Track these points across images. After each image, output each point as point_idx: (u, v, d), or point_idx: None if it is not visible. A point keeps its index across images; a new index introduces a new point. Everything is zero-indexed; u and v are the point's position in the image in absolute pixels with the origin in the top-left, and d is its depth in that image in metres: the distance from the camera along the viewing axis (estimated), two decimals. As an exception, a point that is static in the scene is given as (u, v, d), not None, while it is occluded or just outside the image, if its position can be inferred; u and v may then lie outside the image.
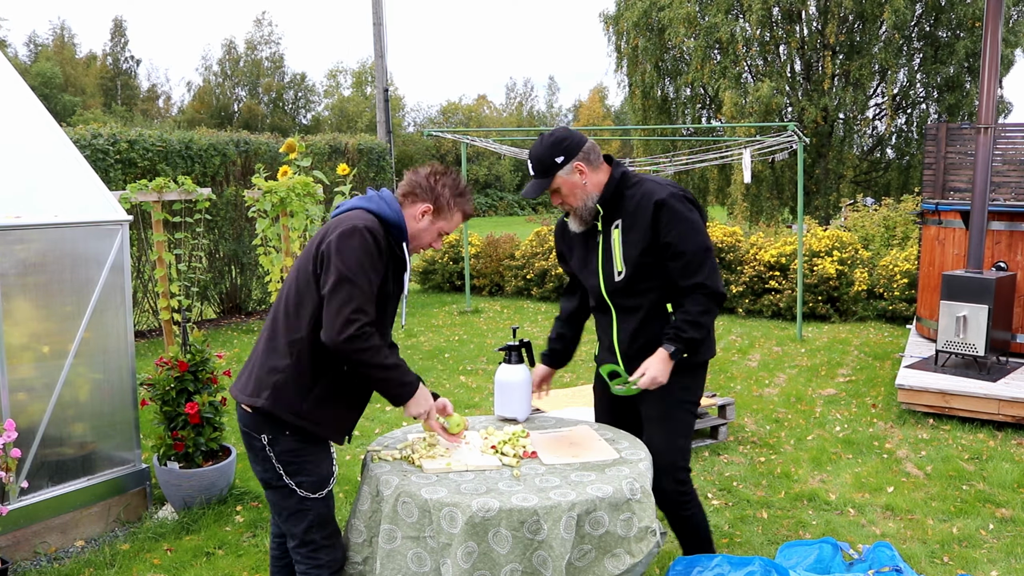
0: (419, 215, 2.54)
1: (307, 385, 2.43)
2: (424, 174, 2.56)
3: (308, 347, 2.41)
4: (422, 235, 2.57)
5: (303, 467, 2.45)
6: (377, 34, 13.95)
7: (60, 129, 4.17)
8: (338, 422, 2.54)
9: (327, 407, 2.47)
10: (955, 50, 18.64)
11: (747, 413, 5.94)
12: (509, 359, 3.08)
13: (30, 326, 3.61)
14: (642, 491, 2.46)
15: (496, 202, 44.65)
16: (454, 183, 2.57)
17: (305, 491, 2.45)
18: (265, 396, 2.40)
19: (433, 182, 2.54)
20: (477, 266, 12.32)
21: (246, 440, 2.50)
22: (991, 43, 5.71)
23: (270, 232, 4.65)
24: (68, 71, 48.08)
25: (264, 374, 2.44)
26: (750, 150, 9.03)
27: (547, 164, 2.80)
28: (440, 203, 2.55)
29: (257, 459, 2.48)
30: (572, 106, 65.49)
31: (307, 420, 2.43)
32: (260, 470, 2.48)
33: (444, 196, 2.55)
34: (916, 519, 4.05)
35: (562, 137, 2.82)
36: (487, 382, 6.83)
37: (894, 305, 9.53)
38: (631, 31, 20.69)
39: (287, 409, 2.41)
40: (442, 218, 2.57)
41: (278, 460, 2.43)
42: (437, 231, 2.59)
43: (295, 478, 2.44)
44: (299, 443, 2.45)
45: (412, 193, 2.55)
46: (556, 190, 2.85)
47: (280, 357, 2.42)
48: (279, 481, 2.45)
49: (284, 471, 2.44)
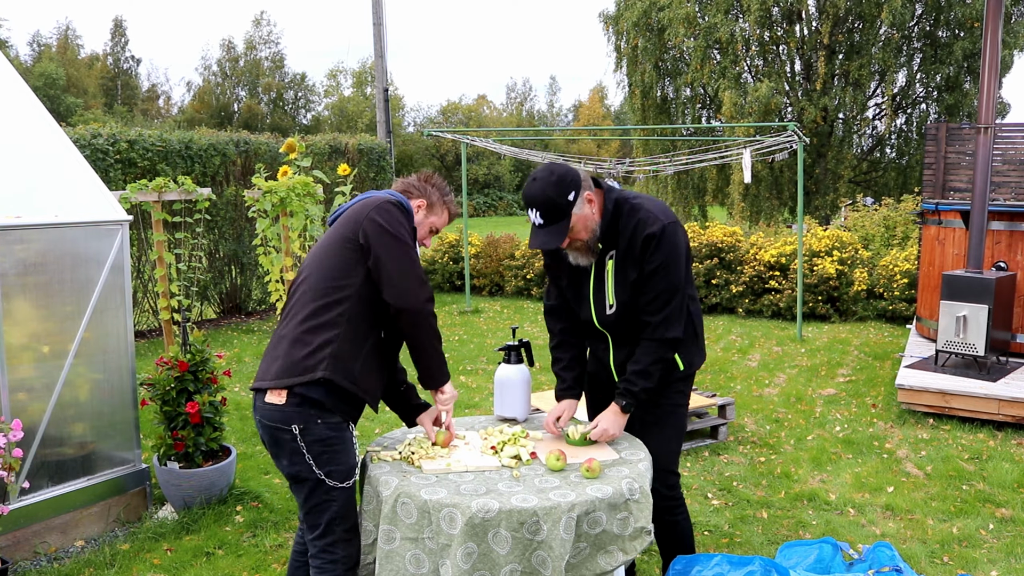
0: (416, 209, 2.75)
1: (356, 352, 2.51)
2: (415, 177, 2.82)
3: (356, 317, 2.51)
4: (419, 228, 2.75)
5: (334, 457, 2.47)
6: (377, 34, 13.95)
7: (60, 129, 4.17)
8: (375, 389, 2.63)
9: (371, 374, 2.57)
10: (954, 50, 18.63)
11: (747, 413, 5.94)
12: (509, 359, 3.08)
13: (30, 326, 3.61)
14: (640, 491, 2.46)
15: (496, 202, 44.65)
16: (441, 185, 2.83)
17: (334, 481, 2.47)
18: (324, 367, 2.44)
19: (424, 181, 2.80)
20: (477, 266, 12.32)
21: (272, 435, 2.49)
22: (991, 43, 5.72)
23: (270, 232, 4.65)
24: (70, 72, 48.09)
25: (312, 351, 2.46)
26: (750, 150, 9.03)
27: (562, 205, 2.60)
28: (432, 200, 2.78)
29: (284, 452, 2.47)
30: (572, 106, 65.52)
31: (359, 388, 2.51)
32: (287, 464, 2.48)
33: (434, 194, 2.79)
34: (916, 519, 4.05)
35: (563, 173, 2.63)
36: (487, 382, 6.83)
37: (894, 305, 9.53)
38: (631, 31, 20.68)
39: (345, 376, 2.47)
40: (433, 214, 2.78)
41: (309, 451, 2.45)
42: (429, 226, 2.78)
43: (325, 468, 2.46)
44: (330, 431, 2.47)
45: (408, 191, 2.78)
46: (570, 229, 2.65)
47: (328, 329, 2.48)
48: (309, 473, 2.45)
49: (315, 462, 2.45)
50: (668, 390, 2.91)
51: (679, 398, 2.95)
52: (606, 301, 2.81)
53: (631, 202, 2.75)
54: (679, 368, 2.90)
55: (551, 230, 2.63)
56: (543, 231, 2.64)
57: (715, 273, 10.39)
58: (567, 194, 2.60)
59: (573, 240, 2.70)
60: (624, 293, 2.77)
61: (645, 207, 2.73)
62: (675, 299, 2.73)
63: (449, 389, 2.76)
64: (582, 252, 2.76)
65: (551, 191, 2.59)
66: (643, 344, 2.78)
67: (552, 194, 2.59)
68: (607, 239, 2.76)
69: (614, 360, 2.94)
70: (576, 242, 2.71)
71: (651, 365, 2.76)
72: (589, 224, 2.69)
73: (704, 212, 21.48)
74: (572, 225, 2.64)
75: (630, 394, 2.79)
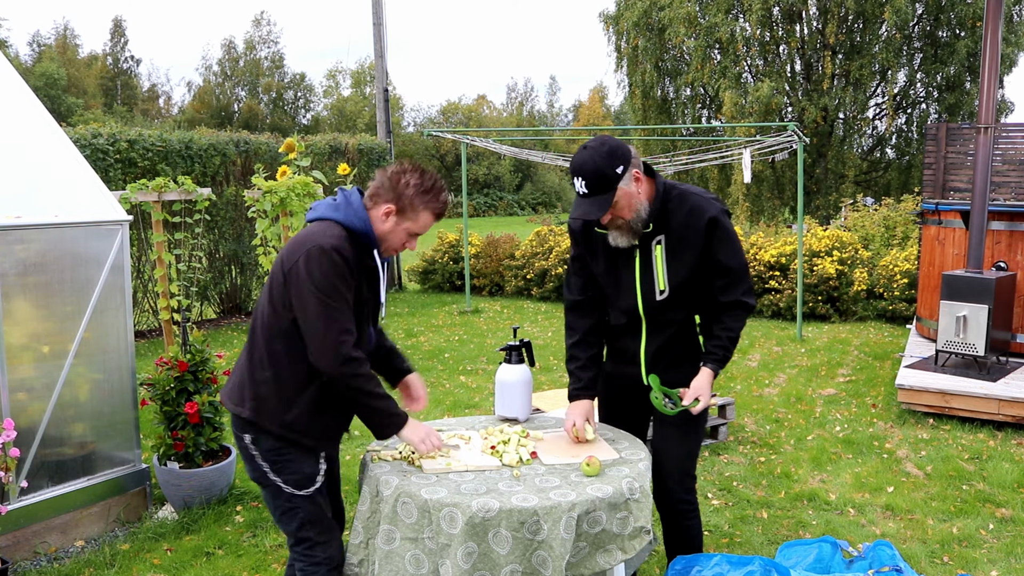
0: (383, 216, 2.44)
1: (290, 398, 2.43)
2: (389, 173, 2.46)
3: (286, 361, 2.41)
4: (390, 237, 2.47)
5: (286, 465, 2.47)
6: (377, 34, 13.95)
7: (60, 129, 4.17)
8: (325, 431, 2.54)
9: (313, 418, 2.46)
10: (955, 50, 18.64)
11: (747, 413, 5.94)
12: (509, 359, 3.08)
13: (30, 326, 3.61)
14: (641, 491, 2.46)
15: (496, 202, 44.65)
16: (419, 181, 2.43)
17: (291, 488, 2.47)
18: (249, 407, 2.44)
19: (396, 181, 2.43)
20: (477, 266, 12.32)
21: (236, 441, 2.54)
22: (991, 43, 5.71)
23: (270, 232, 4.65)
24: (70, 72, 48.09)
25: (248, 383, 2.46)
26: (750, 150, 9.03)
27: (609, 176, 2.52)
28: (403, 203, 2.43)
29: (244, 457, 2.51)
30: (572, 106, 65.52)
31: (293, 431, 2.44)
32: (249, 468, 2.52)
33: (407, 195, 2.42)
34: (916, 519, 4.05)
35: (615, 145, 2.57)
36: (487, 382, 6.83)
37: (894, 305, 9.53)
38: (631, 31, 20.69)
39: (269, 420, 2.43)
40: (407, 218, 2.45)
41: (263, 459, 2.46)
42: (405, 232, 2.47)
43: (280, 476, 2.47)
44: (280, 442, 2.46)
45: (376, 194, 2.45)
46: (614, 204, 2.58)
47: (262, 369, 2.44)
48: (266, 479, 2.48)
49: (269, 469, 2.46)
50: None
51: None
52: (656, 286, 2.75)
53: (679, 188, 2.75)
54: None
55: (595, 200, 2.56)
56: (586, 201, 2.57)
57: (715, 273, 10.37)
58: (616, 166, 2.54)
59: (616, 217, 2.63)
60: (678, 277, 2.73)
61: (695, 194, 2.75)
62: (748, 275, 2.79)
63: (410, 433, 2.51)
64: (623, 232, 2.68)
65: (600, 160, 2.53)
66: (732, 312, 2.79)
67: (601, 164, 2.52)
68: (656, 223, 2.71)
69: (646, 350, 2.87)
70: (618, 219, 2.64)
71: (739, 331, 2.80)
72: (634, 203, 2.62)
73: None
74: (617, 200, 2.57)
75: (724, 358, 2.80)
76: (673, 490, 2.83)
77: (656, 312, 2.81)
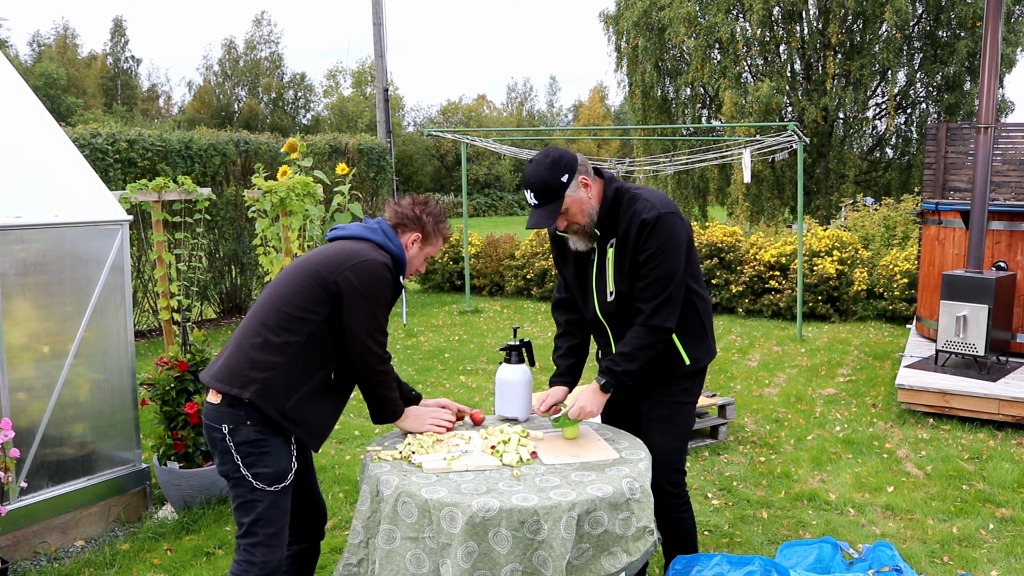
0: (410, 243, 2.74)
1: (294, 386, 2.51)
2: (408, 205, 2.74)
3: (304, 352, 2.52)
4: (413, 261, 2.77)
5: (262, 459, 2.48)
6: (377, 34, 13.95)
7: (60, 129, 4.17)
8: (316, 427, 2.60)
9: (308, 410, 2.55)
10: (955, 50, 18.63)
11: (747, 413, 5.94)
12: (510, 359, 3.08)
13: (30, 326, 3.61)
14: (641, 491, 2.46)
15: (496, 202, 44.64)
16: (435, 211, 2.77)
17: (260, 483, 2.48)
18: (252, 390, 2.45)
19: (419, 212, 2.73)
20: (477, 266, 12.32)
21: (208, 434, 2.53)
22: (991, 43, 5.71)
23: (270, 232, 4.65)
24: (70, 71, 48.10)
25: (250, 368, 2.48)
26: (750, 150, 9.04)
27: (554, 186, 2.67)
28: (427, 231, 2.75)
29: (217, 451, 2.52)
30: (572, 106, 65.50)
31: (289, 420, 2.50)
32: (219, 463, 2.52)
33: (429, 224, 2.74)
34: (916, 519, 4.05)
35: (558, 156, 2.71)
36: (487, 382, 6.83)
37: (894, 305, 9.53)
38: (631, 31, 20.69)
39: (272, 406, 2.47)
40: (429, 244, 2.77)
41: (237, 451, 2.47)
42: (424, 256, 2.79)
43: (252, 469, 2.47)
44: (260, 434, 2.48)
45: (402, 224, 2.73)
46: (564, 211, 2.72)
47: (272, 354, 2.48)
48: (236, 473, 2.48)
49: (242, 462, 2.47)
50: (674, 386, 2.91)
51: (685, 396, 2.95)
52: (607, 289, 2.84)
53: (632, 192, 2.80)
54: (684, 363, 2.89)
55: (545, 210, 2.71)
56: (537, 211, 2.72)
57: (715, 273, 10.39)
58: (560, 176, 2.68)
59: (571, 224, 2.76)
60: (623, 282, 2.79)
61: (644, 196, 2.77)
62: (669, 288, 2.73)
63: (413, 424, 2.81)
64: (580, 237, 2.81)
65: (545, 173, 2.67)
66: (634, 328, 2.79)
67: (546, 176, 2.67)
68: (607, 227, 2.79)
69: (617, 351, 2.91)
70: (574, 226, 2.76)
71: (637, 349, 2.77)
72: (585, 208, 2.74)
73: (704, 212, 21.48)
74: (567, 208, 2.71)
75: (611, 373, 2.80)
76: (659, 484, 2.84)
77: (613, 315, 2.88)
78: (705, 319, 2.95)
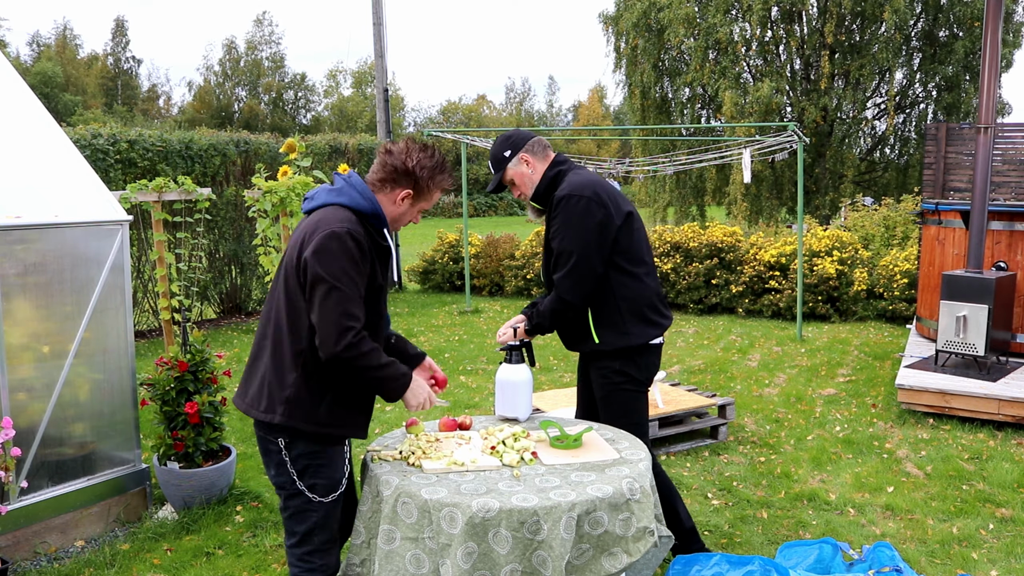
0: (399, 200, 2.49)
1: (320, 393, 2.42)
2: (401, 157, 2.46)
3: (313, 357, 2.40)
4: (403, 217, 2.54)
5: (319, 471, 2.45)
6: (377, 34, 13.94)
7: (60, 129, 4.16)
8: (356, 419, 2.53)
9: (342, 409, 2.46)
10: (954, 50, 18.63)
11: (747, 413, 5.94)
12: (510, 359, 3.08)
13: (30, 326, 3.61)
14: (641, 491, 2.46)
15: (496, 202, 44.63)
16: (432, 162, 2.48)
17: (316, 495, 2.44)
18: (280, 412, 2.39)
19: (411, 165, 2.45)
20: (477, 266, 12.31)
21: (262, 445, 2.48)
22: (991, 43, 5.71)
23: (270, 232, 4.65)
24: (69, 71, 48.09)
25: (275, 389, 2.41)
26: (750, 150, 9.03)
27: (499, 159, 3.12)
28: (420, 185, 2.49)
29: (272, 462, 2.47)
30: (571, 106, 65.52)
31: (327, 426, 2.43)
32: (274, 474, 2.47)
33: (423, 178, 2.48)
34: (916, 519, 4.05)
35: (511, 135, 3.15)
36: (487, 382, 6.83)
37: (894, 305, 9.53)
38: (630, 31, 20.67)
39: (304, 420, 2.40)
40: (422, 199, 2.53)
41: (293, 464, 2.43)
42: (417, 211, 2.56)
43: (308, 481, 2.44)
44: (317, 446, 2.44)
45: (391, 179, 2.47)
46: (511, 182, 3.13)
47: (288, 371, 2.41)
48: (292, 486, 2.44)
49: (298, 476, 2.44)
50: (603, 367, 3.11)
51: (618, 376, 3.09)
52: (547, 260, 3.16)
53: (567, 175, 3.07)
54: (594, 340, 3.07)
55: (493, 177, 3.18)
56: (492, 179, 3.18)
57: (715, 273, 10.38)
58: (504, 151, 3.11)
59: (521, 195, 3.13)
60: (549, 254, 3.12)
61: (570, 179, 3.04)
62: (569, 264, 2.97)
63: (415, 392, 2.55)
64: (531, 210, 3.22)
65: (496, 147, 3.14)
66: (552, 293, 3.09)
67: (495, 149, 3.14)
68: (545, 202, 3.12)
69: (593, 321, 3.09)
70: (522, 198, 3.15)
71: (547, 309, 3.07)
72: (526, 182, 3.11)
73: (703, 212, 21.47)
74: (511, 179, 3.12)
75: (530, 319, 3.14)
76: None
77: (549, 277, 3.14)
78: (625, 305, 3.03)
